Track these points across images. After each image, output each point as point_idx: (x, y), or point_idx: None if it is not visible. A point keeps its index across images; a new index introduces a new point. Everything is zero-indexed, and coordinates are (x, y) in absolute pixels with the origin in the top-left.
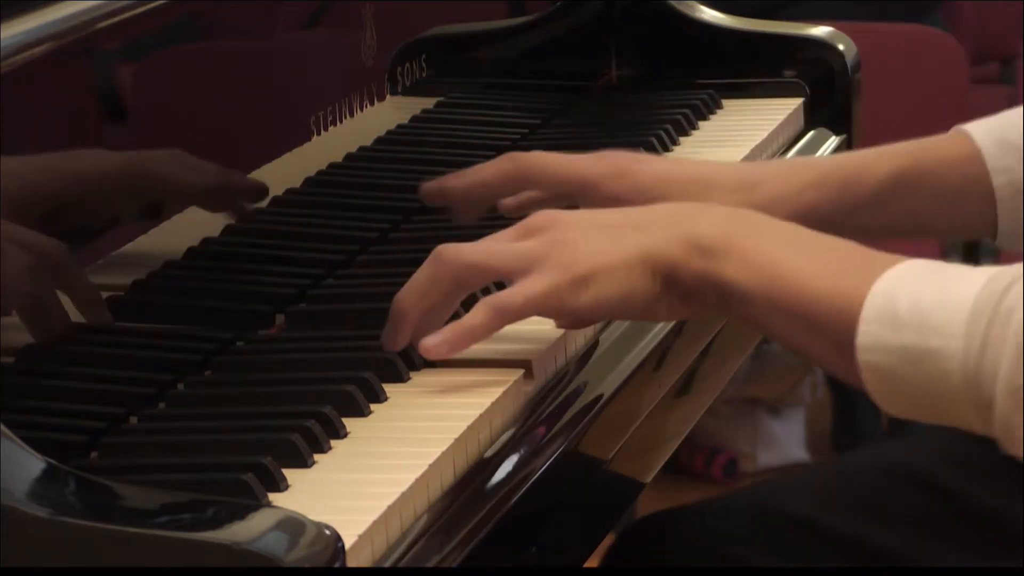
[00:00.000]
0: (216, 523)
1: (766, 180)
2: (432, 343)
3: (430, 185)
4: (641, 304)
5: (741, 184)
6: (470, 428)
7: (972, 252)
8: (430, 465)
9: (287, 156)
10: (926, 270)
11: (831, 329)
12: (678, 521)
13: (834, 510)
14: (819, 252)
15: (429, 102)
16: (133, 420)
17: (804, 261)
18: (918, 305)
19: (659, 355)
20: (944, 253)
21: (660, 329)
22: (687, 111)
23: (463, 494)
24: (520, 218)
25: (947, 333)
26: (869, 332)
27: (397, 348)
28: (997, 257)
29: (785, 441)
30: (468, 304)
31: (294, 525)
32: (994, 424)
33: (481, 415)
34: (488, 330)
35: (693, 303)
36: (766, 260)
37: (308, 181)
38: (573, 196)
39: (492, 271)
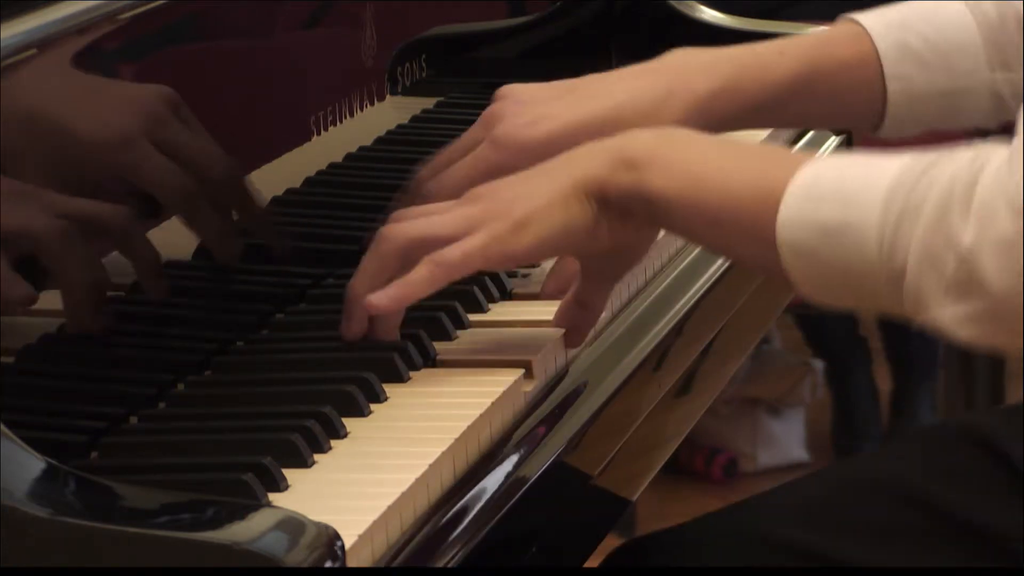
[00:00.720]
0: (216, 523)
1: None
2: (376, 298)
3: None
4: (582, 232)
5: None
6: (470, 428)
7: None
8: (430, 465)
9: (287, 156)
10: (854, 157)
11: (755, 220)
12: (663, 543)
13: (819, 529)
14: (743, 155)
15: (429, 102)
16: (133, 420)
17: (728, 163)
18: (841, 180)
19: (659, 355)
20: None
21: (660, 329)
22: None
23: (463, 494)
24: None
25: (865, 204)
26: (791, 206)
27: (353, 336)
28: None
29: (785, 441)
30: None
31: (294, 525)
32: (903, 295)
33: (481, 415)
34: (430, 284)
35: (627, 220)
36: (689, 166)
37: (308, 181)
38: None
39: (435, 239)
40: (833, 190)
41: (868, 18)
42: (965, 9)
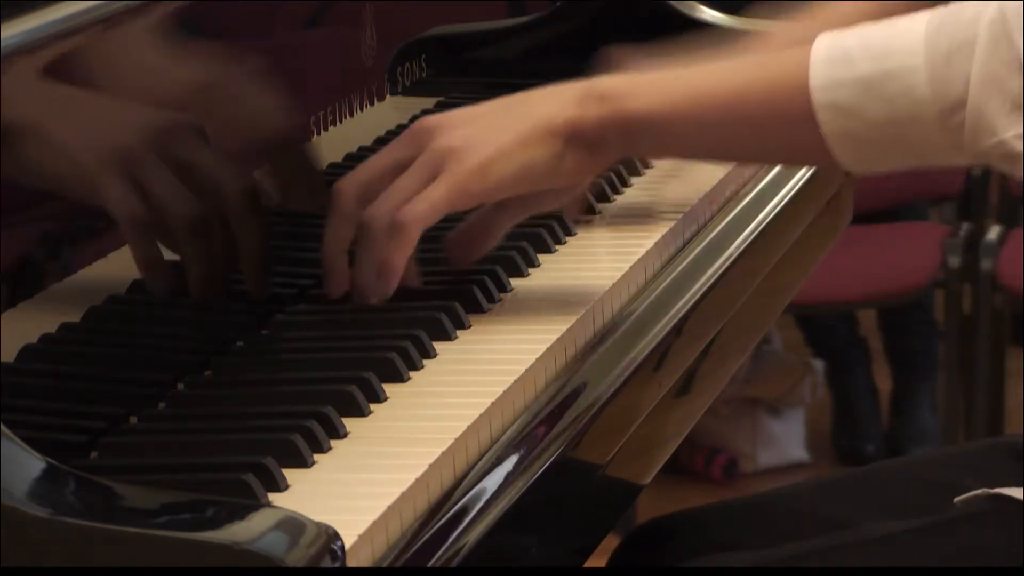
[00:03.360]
0: (216, 523)
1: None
2: (373, 295)
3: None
4: (543, 169)
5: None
6: (470, 428)
7: (973, 248)
8: (430, 465)
9: None
10: (862, 26)
11: (780, 102)
12: (681, 524)
13: (839, 506)
14: (728, 64)
15: (429, 102)
16: (133, 420)
17: (716, 72)
18: (866, 40)
19: (659, 355)
20: (944, 250)
21: (660, 329)
22: None
23: (463, 494)
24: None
25: (905, 51)
26: (821, 75)
27: (337, 295)
28: (997, 256)
29: (785, 441)
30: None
31: (294, 525)
32: (964, 127)
33: (481, 415)
34: (405, 246)
35: (598, 152)
36: (674, 85)
37: None
38: None
39: (398, 201)
40: (861, 49)
41: (818, 51)
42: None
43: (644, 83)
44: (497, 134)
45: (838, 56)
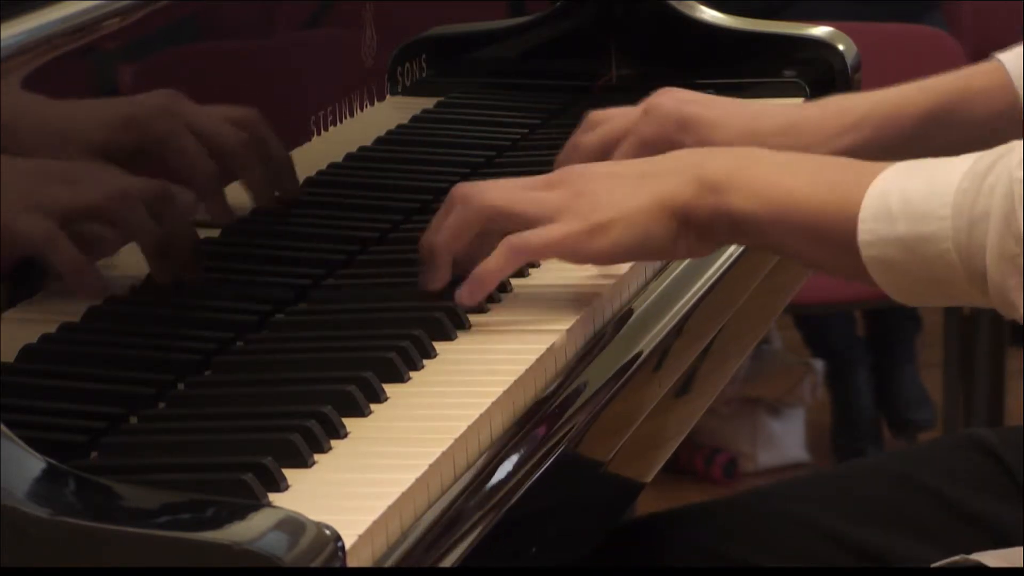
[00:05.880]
0: (216, 523)
1: (806, 124)
2: (461, 294)
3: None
4: (658, 245)
5: (781, 129)
6: (470, 428)
7: None
8: (430, 465)
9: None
10: (911, 167)
11: (836, 235)
12: (676, 521)
13: (835, 511)
14: (815, 171)
15: (429, 102)
16: (133, 420)
17: (803, 181)
18: (907, 198)
19: (659, 355)
20: None
21: (660, 329)
22: None
23: (463, 494)
24: None
25: (937, 216)
26: (867, 230)
27: (439, 287)
28: None
29: (785, 441)
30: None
31: (294, 525)
32: (991, 295)
33: (481, 415)
34: (509, 268)
35: (708, 239)
36: (768, 185)
37: (308, 181)
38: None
39: (518, 216)
40: (900, 207)
41: (1002, 53)
42: None
43: (744, 177)
44: (620, 200)
45: (881, 213)
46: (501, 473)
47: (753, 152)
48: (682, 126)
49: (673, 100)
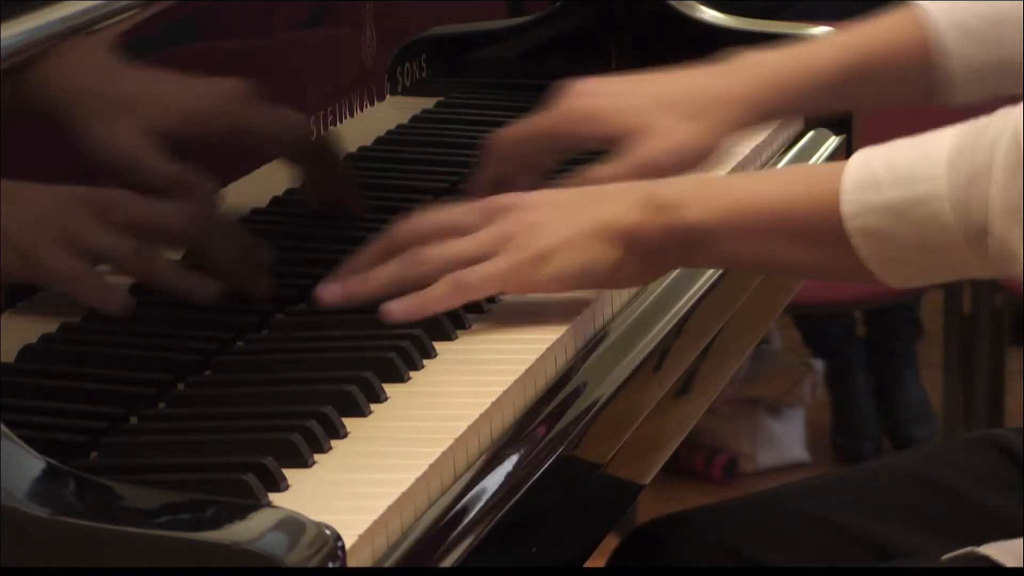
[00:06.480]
0: (216, 523)
1: (719, 80)
2: (394, 307)
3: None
4: (602, 273)
5: (693, 93)
6: (470, 428)
7: None
8: (430, 465)
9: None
10: (894, 142)
11: (812, 224)
12: (691, 521)
13: (850, 509)
14: (776, 175)
15: (429, 102)
16: (133, 420)
17: (765, 184)
18: (893, 164)
19: (659, 355)
20: None
21: (660, 329)
22: None
23: (463, 494)
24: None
25: (929, 176)
26: (852, 200)
27: (339, 295)
28: None
29: (785, 441)
30: None
31: (294, 525)
32: (989, 251)
33: (481, 415)
34: (447, 304)
35: (655, 262)
36: (726, 195)
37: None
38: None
39: (458, 264)
40: (887, 173)
41: (929, 3)
42: None
43: (698, 192)
44: (561, 227)
45: (866, 181)
46: (501, 473)
47: (703, 175)
48: (588, 119)
49: (574, 96)
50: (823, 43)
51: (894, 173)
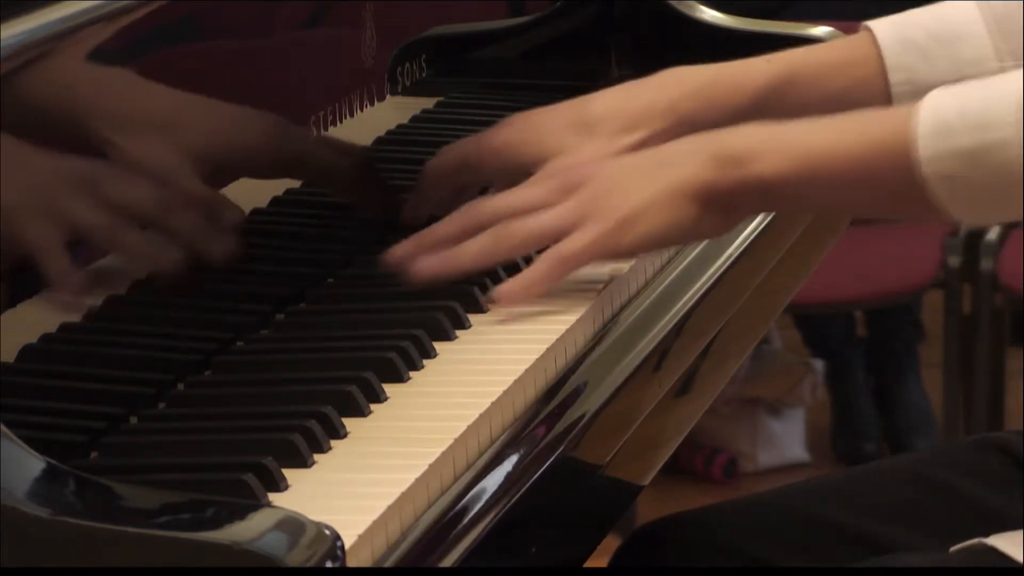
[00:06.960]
0: (216, 523)
1: (641, 96)
2: (505, 290)
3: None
4: (684, 230)
5: (613, 110)
6: (470, 428)
7: (973, 248)
8: (430, 465)
9: None
10: (953, 89)
11: (888, 170)
12: (695, 522)
13: (854, 510)
14: (845, 122)
15: (429, 102)
16: (133, 420)
17: (835, 132)
18: (964, 111)
19: (659, 355)
20: (944, 250)
21: (660, 329)
22: None
23: (463, 494)
24: None
25: (1002, 124)
26: (927, 146)
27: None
28: (997, 256)
29: (785, 441)
30: None
31: (294, 525)
32: None
33: (481, 415)
34: (552, 279)
35: (732, 214)
36: (797, 145)
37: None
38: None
39: (546, 237)
40: (960, 120)
41: (875, 21)
42: (972, 4)
43: (769, 143)
44: (638, 192)
45: (941, 129)
46: (501, 473)
47: (770, 124)
48: (507, 148)
49: (499, 127)
50: (757, 59)
51: (967, 120)
